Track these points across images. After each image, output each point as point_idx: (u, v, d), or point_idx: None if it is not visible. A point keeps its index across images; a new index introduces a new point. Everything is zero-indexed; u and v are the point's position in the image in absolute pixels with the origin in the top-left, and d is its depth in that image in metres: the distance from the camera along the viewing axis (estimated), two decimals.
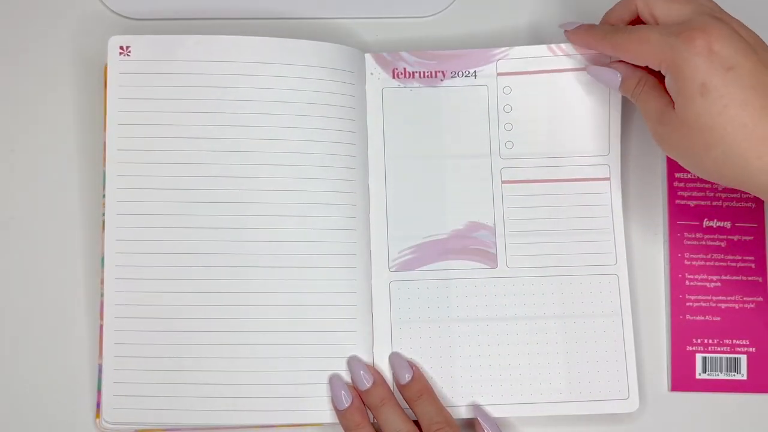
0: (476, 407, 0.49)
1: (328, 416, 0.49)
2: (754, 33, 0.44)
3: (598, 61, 0.50)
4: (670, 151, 0.45)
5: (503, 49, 0.52)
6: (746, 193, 0.53)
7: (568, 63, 0.51)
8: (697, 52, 0.42)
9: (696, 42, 0.42)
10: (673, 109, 0.44)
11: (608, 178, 0.51)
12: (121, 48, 0.50)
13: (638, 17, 0.47)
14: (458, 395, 0.49)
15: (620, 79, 0.48)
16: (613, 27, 0.47)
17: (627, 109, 0.52)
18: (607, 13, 0.49)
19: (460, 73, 0.52)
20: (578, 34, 0.49)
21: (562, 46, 0.51)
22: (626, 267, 0.51)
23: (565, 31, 0.50)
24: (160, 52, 0.50)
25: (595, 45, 0.48)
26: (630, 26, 0.46)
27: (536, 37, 0.55)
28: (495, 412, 0.49)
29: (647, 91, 0.46)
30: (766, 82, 0.41)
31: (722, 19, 0.43)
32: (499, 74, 0.51)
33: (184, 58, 0.50)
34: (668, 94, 0.45)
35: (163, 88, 0.50)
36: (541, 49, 0.51)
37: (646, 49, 0.44)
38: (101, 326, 0.49)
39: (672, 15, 0.44)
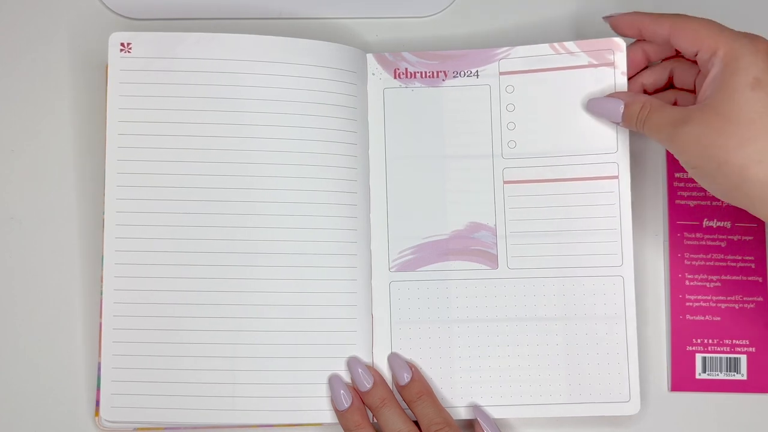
0: (476, 408, 0.49)
1: (327, 416, 0.49)
2: None
3: (603, 59, 0.50)
4: (693, 153, 0.43)
5: (505, 48, 0.51)
6: None
7: (571, 60, 0.51)
8: (759, 50, 0.43)
9: (759, 44, 0.43)
10: (699, 108, 0.43)
11: (617, 177, 0.50)
12: (122, 45, 0.49)
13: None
14: (458, 396, 0.49)
15: (623, 107, 0.48)
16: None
17: None
18: (644, 18, 0.48)
19: (462, 73, 0.51)
20: (627, 17, 0.48)
21: (565, 43, 0.51)
22: (632, 268, 0.50)
23: (611, 18, 0.49)
24: (161, 50, 0.50)
25: (650, 24, 0.47)
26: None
27: (538, 35, 0.55)
28: (495, 413, 0.49)
29: (655, 111, 0.46)
30: None
31: None
32: (501, 73, 0.51)
33: (185, 55, 0.50)
34: (680, 108, 0.45)
35: (163, 86, 0.49)
36: (543, 48, 0.51)
37: (706, 34, 0.44)
38: (101, 324, 0.49)
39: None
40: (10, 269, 0.52)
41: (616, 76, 0.50)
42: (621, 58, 0.50)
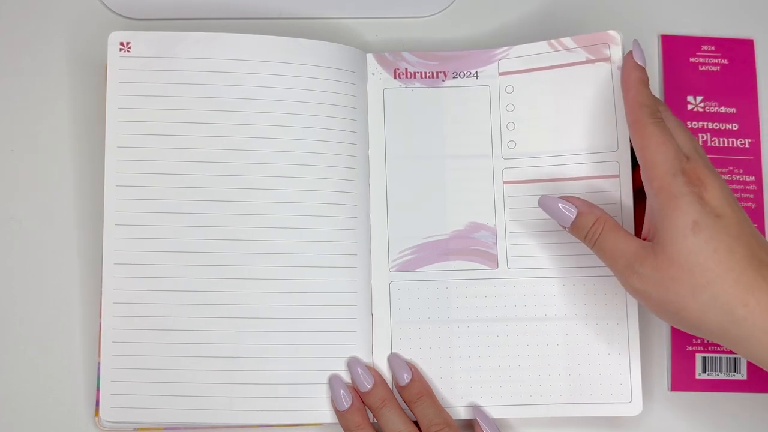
0: (476, 408, 0.49)
1: (327, 416, 0.49)
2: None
3: (599, 54, 0.50)
4: (651, 297, 0.42)
5: (504, 48, 0.51)
6: (747, 191, 0.53)
7: (569, 57, 0.50)
8: (693, 191, 0.42)
9: (693, 185, 0.42)
10: (650, 250, 0.42)
11: (617, 176, 0.49)
12: (122, 44, 0.49)
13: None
14: (457, 396, 0.49)
15: (575, 215, 0.45)
16: (658, 113, 0.45)
17: None
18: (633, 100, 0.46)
19: (462, 73, 0.51)
20: (635, 73, 0.46)
21: (562, 40, 0.50)
22: None
23: (630, 55, 0.47)
24: (161, 49, 0.49)
25: (632, 107, 0.46)
26: (663, 123, 0.44)
27: (537, 34, 0.55)
28: (495, 413, 0.49)
29: (608, 233, 0.44)
30: (748, 233, 0.42)
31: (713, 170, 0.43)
32: (501, 74, 0.51)
33: (185, 55, 0.50)
34: (632, 239, 0.43)
35: (163, 85, 0.49)
36: (541, 46, 0.51)
37: (654, 151, 0.43)
38: (100, 324, 0.49)
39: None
40: (10, 269, 0.52)
41: (613, 72, 0.50)
42: (616, 52, 0.49)
